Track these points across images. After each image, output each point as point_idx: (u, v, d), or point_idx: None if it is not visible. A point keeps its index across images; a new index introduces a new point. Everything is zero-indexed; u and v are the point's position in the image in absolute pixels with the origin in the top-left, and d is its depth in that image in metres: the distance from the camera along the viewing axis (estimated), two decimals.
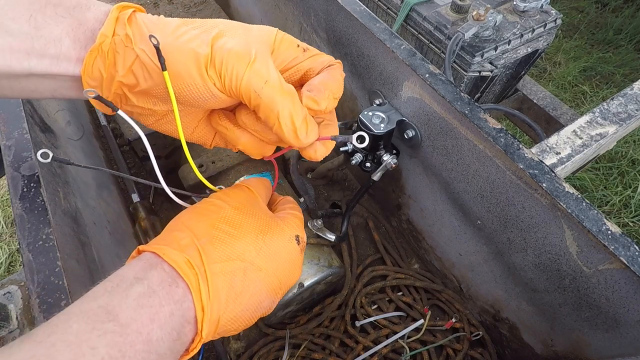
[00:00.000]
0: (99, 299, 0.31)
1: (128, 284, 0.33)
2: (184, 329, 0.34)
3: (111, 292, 0.32)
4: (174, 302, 0.33)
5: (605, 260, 0.45)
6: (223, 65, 0.35)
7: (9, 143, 0.50)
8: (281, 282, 0.42)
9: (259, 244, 0.40)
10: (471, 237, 0.66)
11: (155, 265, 0.35)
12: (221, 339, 0.76)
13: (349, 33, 0.69)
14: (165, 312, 0.32)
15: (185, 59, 0.35)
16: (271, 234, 0.41)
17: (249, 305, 0.39)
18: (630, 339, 0.48)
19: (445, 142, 0.59)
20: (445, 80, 0.55)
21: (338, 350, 0.73)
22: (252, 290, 0.39)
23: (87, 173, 0.70)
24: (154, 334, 0.31)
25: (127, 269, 0.34)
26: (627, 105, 0.98)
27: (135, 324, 0.31)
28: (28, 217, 0.44)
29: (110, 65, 0.36)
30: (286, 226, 0.44)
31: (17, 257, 1.69)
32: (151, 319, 0.31)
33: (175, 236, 0.38)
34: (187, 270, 0.35)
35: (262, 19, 1.04)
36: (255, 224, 0.41)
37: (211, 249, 0.37)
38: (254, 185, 0.47)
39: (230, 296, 0.37)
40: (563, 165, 0.89)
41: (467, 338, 0.75)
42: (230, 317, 0.37)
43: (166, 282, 0.34)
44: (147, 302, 0.32)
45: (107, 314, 0.30)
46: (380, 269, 0.82)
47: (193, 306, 0.34)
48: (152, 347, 0.31)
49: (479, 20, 1.10)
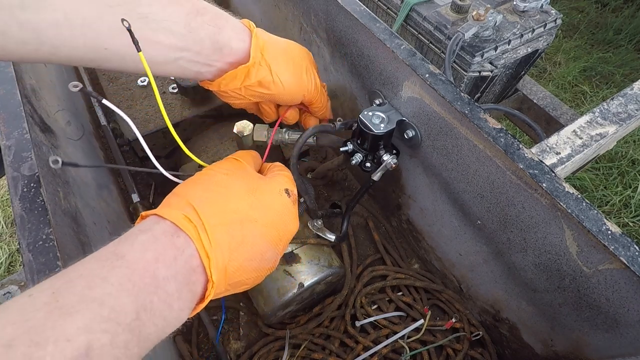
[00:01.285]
0: (109, 248, 0.35)
1: (134, 235, 0.37)
2: (191, 277, 0.37)
3: (118, 242, 0.36)
4: (176, 248, 0.36)
5: (605, 260, 0.45)
6: (310, 89, 0.59)
7: (9, 143, 0.50)
8: (279, 232, 0.46)
9: (250, 199, 0.44)
10: (471, 237, 0.66)
11: (158, 222, 0.38)
12: (221, 338, 0.77)
13: (349, 33, 0.69)
14: (169, 256, 0.36)
15: (294, 88, 0.57)
16: (260, 190, 0.46)
17: (252, 254, 0.42)
18: (630, 339, 0.48)
19: (445, 142, 0.59)
20: (445, 80, 0.55)
21: (338, 350, 0.73)
22: (252, 239, 0.42)
23: (87, 173, 0.70)
24: (159, 272, 0.34)
25: (133, 228, 0.38)
26: (627, 105, 0.98)
27: (142, 262, 0.34)
28: (28, 217, 0.44)
29: (246, 77, 0.52)
30: (274, 182, 0.49)
31: (17, 257, 1.69)
32: (156, 259, 0.35)
33: (172, 201, 0.42)
34: (186, 224, 0.38)
35: (262, 18, 1.04)
36: (244, 184, 0.46)
37: (206, 206, 0.40)
38: (242, 156, 0.52)
39: (232, 244, 0.40)
40: (563, 165, 0.89)
41: (467, 338, 0.75)
42: (237, 266, 0.40)
43: (168, 232, 0.37)
44: (151, 247, 0.35)
45: (115, 256, 0.34)
46: (380, 269, 0.82)
47: (197, 254, 0.37)
48: (159, 284, 0.34)
49: (479, 20, 1.09)
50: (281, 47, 0.55)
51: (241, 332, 0.77)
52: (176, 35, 0.45)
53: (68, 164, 0.44)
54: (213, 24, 0.48)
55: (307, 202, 0.63)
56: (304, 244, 0.71)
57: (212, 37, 0.48)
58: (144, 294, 0.32)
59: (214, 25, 0.48)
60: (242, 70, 0.51)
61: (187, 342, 0.76)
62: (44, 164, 0.50)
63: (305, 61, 0.58)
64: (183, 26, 0.45)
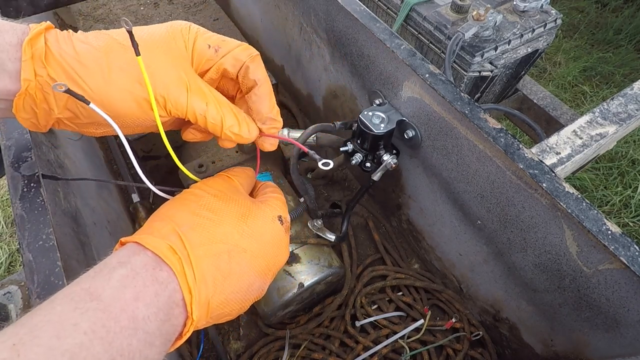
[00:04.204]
0: (82, 283, 0.32)
1: (110, 268, 0.33)
2: (173, 311, 0.34)
3: (94, 276, 0.33)
4: (159, 284, 0.33)
5: (605, 260, 0.45)
6: (167, 102, 0.39)
7: (9, 143, 0.50)
8: (269, 262, 0.42)
9: (241, 226, 0.40)
10: (471, 237, 0.66)
11: (138, 252, 0.35)
12: (221, 339, 0.76)
13: (349, 33, 0.69)
14: (149, 292, 0.32)
15: (124, 104, 0.38)
16: (253, 217, 0.42)
17: (239, 287, 0.39)
18: (630, 339, 0.48)
19: (445, 142, 0.59)
20: (445, 80, 0.55)
21: (338, 350, 0.73)
22: (240, 271, 0.39)
23: (87, 173, 0.70)
24: (139, 312, 0.31)
25: (110, 258, 0.35)
26: (627, 105, 0.98)
27: (119, 303, 0.31)
28: (28, 217, 0.44)
29: (42, 101, 0.37)
30: (268, 208, 0.44)
31: (17, 257, 1.69)
32: (135, 298, 0.31)
33: (156, 226, 0.38)
34: (170, 256, 0.35)
35: (262, 18, 1.04)
36: (235, 209, 0.42)
37: (193, 235, 0.37)
38: (234, 174, 0.48)
39: (218, 278, 0.37)
40: (563, 165, 0.89)
41: (467, 338, 0.75)
42: (221, 300, 0.37)
43: (150, 265, 0.34)
44: (131, 283, 0.32)
45: (89, 295, 0.30)
46: (380, 269, 0.82)
47: (179, 288, 0.34)
48: (139, 325, 0.31)
49: (479, 20, 1.09)
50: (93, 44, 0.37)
51: (241, 332, 0.77)
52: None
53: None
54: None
55: (307, 202, 0.63)
56: (304, 244, 0.71)
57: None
58: (120, 339, 0.29)
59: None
60: (18, 101, 0.37)
61: (187, 342, 0.76)
62: (44, 164, 0.50)
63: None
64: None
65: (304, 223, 0.72)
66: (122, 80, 0.37)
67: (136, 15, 1.16)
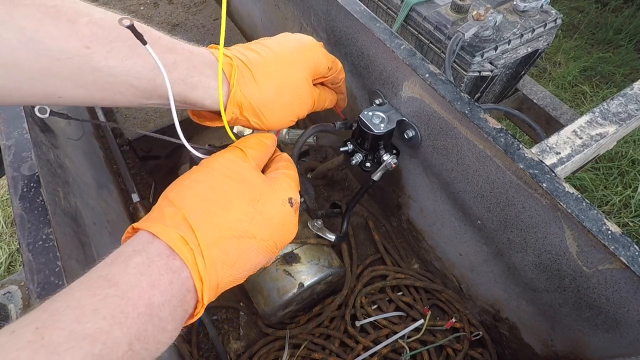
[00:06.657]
0: (99, 270, 0.33)
1: (127, 256, 0.34)
2: (185, 297, 0.35)
3: (111, 264, 0.34)
4: (172, 272, 0.35)
5: (605, 260, 0.45)
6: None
7: (9, 143, 0.50)
8: (276, 243, 0.43)
9: (250, 212, 0.41)
10: (471, 237, 0.66)
11: (151, 240, 0.36)
12: (221, 339, 0.77)
13: (349, 33, 0.69)
14: (164, 280, 0.34)
15: (286, 114, 0.51)
16: (263, 201, 0.42)
17: (247, 267, 0.41)
18: (630, 339, 0.48)
19: (445, 142, 0.59)
20: (445, 80, 0.55)
21: (338, 350, 0.73)
22: (248, 255, 0.40)
23: (86, 173, 0.70)
24: (155, 299, 0.33)
25: (125, 246, 0.36)
26: (627, 105, 0.98)
27: (136, 290, 0.32)
28: (28, 217, 0.44)
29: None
30: (279, 189, 0.44)
31: (17, 257, 1.69)
32: (151, 285, 0.33)
33: (167, 213, 0.38)
34: (182, 247, 0.36)
35: (262, 18, 1.04)
36: (245, 192, 0.42)
37: (203, 225, 0.38)
38: (249, 145, 0.47)
39: (227, 263, 0.38)
40: (563, 165, 0.88)
41: (467, 338, 0.75)
42: (229, 280, 0.39)
43: (164, 254, 0.35)
44: (147, 271, 0.33)
45: (107, 282, 0.32)
46: (380, 269, 0.82)
47: (191, 277, 0.36)
48: (154, 311, 0.32)
49: (479, 20, 1.09)
50: (272, 86, 0.48)
51: (241, 332, 0.77)
52: (139, 90, 0.41)
53: (56, 114, 0.42)
54: (183, 82, 0.43)
55: (307, 202, 0.63)
56: (304, 244, 0.71)
57: (182, 94, 0.44)
58: (137, 324, 0.31)
59: (184, 83, 0.43)
60: (217, 123, 0.50)
61: (187, 342, 0.76)
62: (44, 164, 0.50)
63: (301, 76, 0.51)
64: (147, 82, 0.41)
65: (303, 223, 0.72)
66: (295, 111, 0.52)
67: (136, 15, 1.16)
